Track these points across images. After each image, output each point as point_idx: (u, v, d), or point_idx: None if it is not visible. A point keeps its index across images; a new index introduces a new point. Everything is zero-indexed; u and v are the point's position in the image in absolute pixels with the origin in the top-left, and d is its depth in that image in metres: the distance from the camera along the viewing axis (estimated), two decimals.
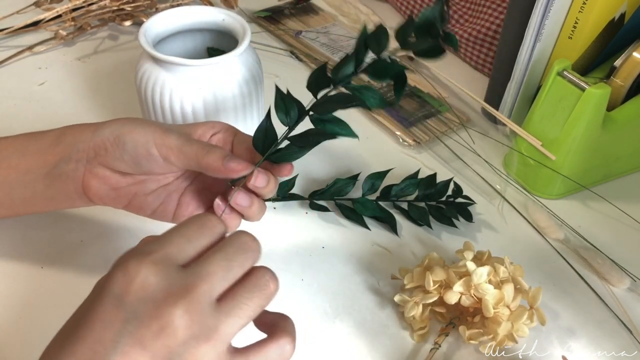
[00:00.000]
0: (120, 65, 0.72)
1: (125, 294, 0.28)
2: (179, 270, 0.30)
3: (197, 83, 0.49)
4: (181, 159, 0.39)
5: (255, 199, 0.40)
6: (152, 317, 0.28)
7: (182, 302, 0.28)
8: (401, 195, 0.56)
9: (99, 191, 0.41)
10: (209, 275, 0.30)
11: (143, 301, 0.28)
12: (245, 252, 0.32)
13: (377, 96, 0.40)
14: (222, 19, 0.54)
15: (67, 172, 0.41)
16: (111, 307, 0.28)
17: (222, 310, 0.29)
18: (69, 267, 0.48)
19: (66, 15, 0.74)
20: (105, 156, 0.40)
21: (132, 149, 0.39)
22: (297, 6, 0.85)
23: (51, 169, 0.41)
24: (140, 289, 0.28)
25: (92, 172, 0.40)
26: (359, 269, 0.50)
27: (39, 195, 0.42)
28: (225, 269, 0.30)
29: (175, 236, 0.31)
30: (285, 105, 0.41)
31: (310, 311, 0.47)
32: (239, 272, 0.31)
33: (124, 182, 0.41)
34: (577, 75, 0.53)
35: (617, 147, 0.58)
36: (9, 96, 0.66)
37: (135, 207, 0.43)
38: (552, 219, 0.56)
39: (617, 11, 0.54)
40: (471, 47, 0.75)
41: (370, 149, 0.62)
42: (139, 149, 0.39)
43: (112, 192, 0.41)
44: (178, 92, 0.50)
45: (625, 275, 0.51)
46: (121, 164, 0.40)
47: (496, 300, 0.42)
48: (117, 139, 0.39)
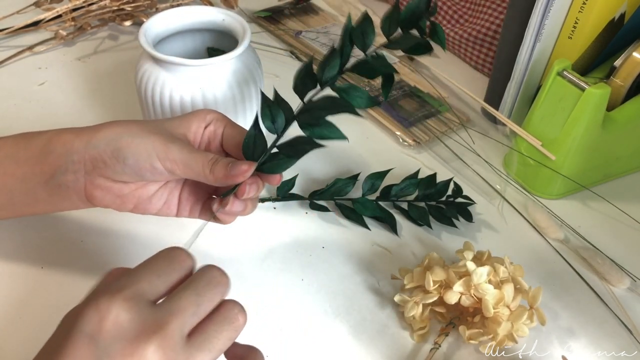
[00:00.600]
0: (120, 65, 0.72)
1: (97, 332, 0.28)
2: (151, 307, 0.30)
3: (197, 83, 0.49)
4: (187, 173, 0.39)
5: (248, 203, 0.42)
6: (126, 355, 0.28)
7: (154, 339, 0.28)
8: (401, 195, 0.56)
9: (104, 200, 0.41)
10: (180, 311, 0.30)
11: (116, 339, 0.28)
12: (215, 286, 0.32)
13: (365, 96, 0.39)
14: (222, 19, 0.54)
15: (67, 183, 0.40)
16: (83, 344, 0.28)
17: (194, 345, 0.30)
18: (69, 267, 0.48)
19: (66, 15, 0.74)
20: (105, 169, 0.39)
21: (134, 164, 0.39)
22: (297, 6, 0.85)
23: (49, 178, 0.40)
24: (113, 326, 0.28)
25: (93, 184, 0.40)
26: (359, 269, 0.50)
27: (41, 201, 0.42)
28: (196, 304, 0.31)
29: (145, 272, 0.31)
30: (271, 113, 0.40)
31: (310, 311, 0.47)
32: (209, 307, 0.31)
33: (127, 189, 0.41)
34: (577, 75, 0.53)
35: (617, 147, 0.58)
36: (9, 96, 0.66)
37: (140, 209, 0.43)
38: (552, 219, 0.56)
39: (617, 11, 0.54)
40: (471, 47, 0.75)
41: (370, 149, 0.62)
42: (142, 163, 0.39)
43: (117, 199, 0.41)
44: (178, 92, 0.50)
45: (625, 275, 0.51)
46: (123, 176, 0.40)
47: (496, 300, 0.42)
48: (115, 152, 0.39)
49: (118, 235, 0.51)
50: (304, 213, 0.55)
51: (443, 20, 0.79)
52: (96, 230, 0.51)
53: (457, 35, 0.76)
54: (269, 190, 0.57)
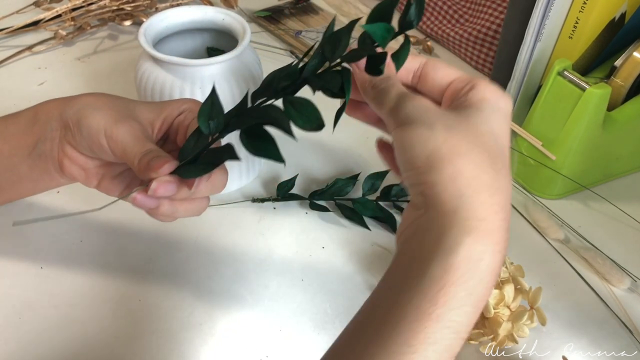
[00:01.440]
0: (120, 65, 0.72)
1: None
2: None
3: (197, 83, 0.49)
4: (123, 157, 0.37)
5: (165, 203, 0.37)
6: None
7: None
8: (401, 195, 0.56)
9: (70, 170, 0.40)
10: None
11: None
12: None
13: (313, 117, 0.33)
14: (222, 18, 0.54)
15: (45, 152, 0.40)
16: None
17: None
18: (69, 267, 0.48)
19: (66, 15, 0.74)
20: (72, 138, 0.39)
21: (87, 135, 0.38)
22: (297, 6, 0.85)
23: (32, 150, 0.40)
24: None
25: (63, 151, 0.40)
26: (359, 269, 0.50)
27: (24, 177, 0.42)
28: None
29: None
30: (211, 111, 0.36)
31: (310, 311, 0.47)
32: None
33: (91, 163, 0.40)
34: (578, 75, 0.53)
35: (617, 147, 0.58)
36: (9, 96, 0.66)
37: (104, 188, 0.42)
38: (552, 219, 0.56)
39: (618, 11, 0.54)
40: (471, 47, 0.75)
41: (370, 149, 0.62)
42: (92, 137, 0.38)
43: (82, 172, 0.41)
44: (178, 92, 0.50)
45: (625, 275, 0.51)
46: (81, 148, 0.39)
47: (496, 301, 0.42)
48: (77, 122, 0.38)
49: (118, 235, 0.51)
50: (304, 213, 0.55)
51: (443, 20, 0.79)
52: (96, 230, 0.51)
53: (457, 35, 0.75)
54: (269, 190, 0.57)
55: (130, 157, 0.37)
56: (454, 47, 0.78)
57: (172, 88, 0.49)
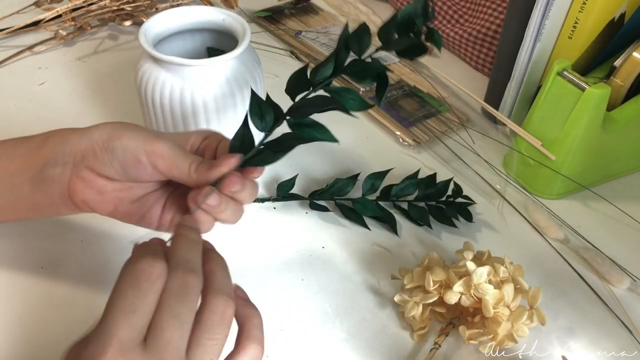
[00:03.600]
0: (120, 65, 0.72)
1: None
2: (142, 351, 0.29)
3: (197, 83, 0.49)
4: (171, 170, 0.38)
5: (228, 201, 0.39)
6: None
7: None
8: (401, 195, 0.56)
9: (84, 195, 0.40)
10: (169, 343, 0.30)
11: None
12: (186, 296, 0.31)
13: (357, 98, 0.39)
14: (222, 19, 0.54)
15: (53, 177, 0.40)
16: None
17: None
18: (69, 267, 0.48)
19: (66, 15, 0.74)
20: (94, 160, 0.39)
21: (121, 155, 0.38)
22: (297, 6, 0.85)
23: (37, 172, 0.40)
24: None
25: (78, 176, 0.40)
26: (359, 269, 0.50)
27: (24, 199, 0.41)
28: (179, 327, 0.30)
29: (119, 315, 0.30)
30: (261, 110, 0.39)
31: (310, 311, 0.47)
32: (191, 317, 0.31)
33: (110, 187, 0.40)
34: (577, 75, 0.53)
35: (617, 147, 0.58)
36: (9, 96, 0.66)
37: (120, 213, 0.42)
38: (552, 219, 0.56)
39: (617, 11, 0.54)
40: (471, 47, 0.75)
41: (370, 149, 0.62)
42: (128, 155, 0.38)
43: (98, 196, 0.40)
44: (178, 91, 0.50)
45: (625, 275, 0.51)
46: (109, 169, 0.39)
47: (496, 300, 0.42)
48: (106, 143, 0.39)
49: (118, 235, 0.51)
50: (304, 213, 0.55)
51: (443, 20, 0.79)
52: (96, 230, 0.51)
53: (457, 35, 0.76)
54: (269, 190, 0.57)
55: (182, 166, 0.38)
56: (454, 47, 0.78)
57: (172, 88, 0.49)
